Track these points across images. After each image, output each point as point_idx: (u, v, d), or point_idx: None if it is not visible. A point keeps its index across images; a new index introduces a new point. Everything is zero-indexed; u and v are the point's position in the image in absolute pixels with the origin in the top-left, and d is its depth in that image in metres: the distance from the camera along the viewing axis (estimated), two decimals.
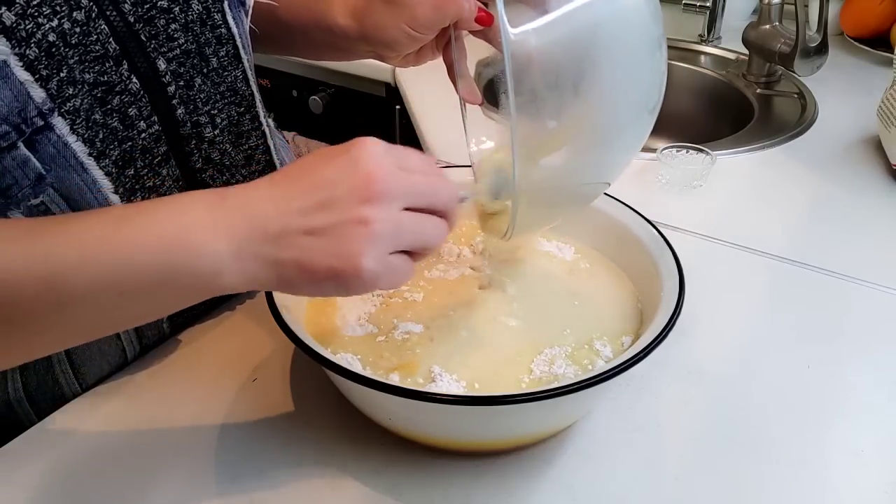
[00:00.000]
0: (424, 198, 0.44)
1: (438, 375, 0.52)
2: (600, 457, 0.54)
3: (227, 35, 0.61)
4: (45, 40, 0.48)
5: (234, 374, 0.60)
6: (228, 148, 0.63)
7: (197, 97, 0.59)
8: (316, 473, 0.52)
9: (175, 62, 0.57)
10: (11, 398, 0.59)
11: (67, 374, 0.59)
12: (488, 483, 0.52)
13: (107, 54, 0.52)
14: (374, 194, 0.42)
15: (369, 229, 0.41)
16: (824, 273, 0.74)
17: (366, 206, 0.41)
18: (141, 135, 0.55)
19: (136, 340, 0.62)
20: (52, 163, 0.50)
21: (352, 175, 0.42)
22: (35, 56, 0.48)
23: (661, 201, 0.85)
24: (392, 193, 0.42)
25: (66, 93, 0.50)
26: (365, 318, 0.58)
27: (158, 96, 0.56)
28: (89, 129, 0.52)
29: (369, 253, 0.41)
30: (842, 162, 0.93)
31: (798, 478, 0.53)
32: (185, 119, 0.59)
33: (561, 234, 0.67)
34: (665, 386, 0.60)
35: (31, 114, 0.48)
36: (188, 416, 0.57)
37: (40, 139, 0.49)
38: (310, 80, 1.35)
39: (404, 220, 0.43)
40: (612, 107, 0.50)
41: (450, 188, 0.46)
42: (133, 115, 0.54)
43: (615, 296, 0.61)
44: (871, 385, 0.61)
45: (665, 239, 0.59)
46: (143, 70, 0.55)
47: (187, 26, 0.58)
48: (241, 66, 0.63)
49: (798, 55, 1.05)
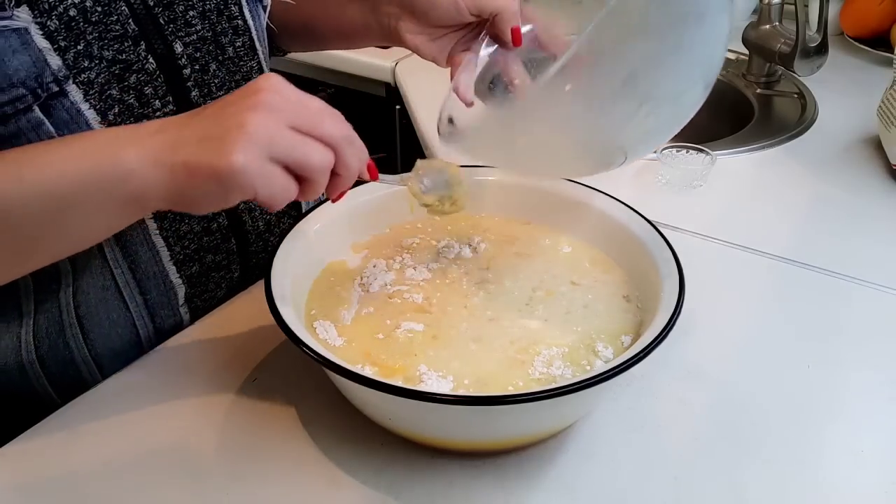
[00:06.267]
0: (307, 121, 0.46)
1: (437, 376, 0.52)
2: (600, 457, 0.54)
3: (244, 27, 0.64)
4: (65, 14, 0.51)
5: (234, 374, 0.60)
6: None
7: (211, 82, 0.62)
8: (316, 473, 0.52)
9: (192, 46, 0.60)
10: (24, 360, 0.61)
11: (77, 337, 0.61)
12: (488, 483, 0.52)
13: (126, 34, 0.55)
14: (258, 103, 0.45)
15: (245, 130, 0.44)
16: (824, 273, 0.74)
17: (248, 112, 0.45)
18: (155, 113, 0.58)
19: (147, 317, 0.64)
20: (65, 128, 0.53)
21: (245, 91, 0.46)
22: (55, 27, 0.51)
23: (661, 201, 0.85)
24: (275, 105, 0.45)
25: (82, 65, 0.53)
26: (366, 314, 0.58)
27: (174, 78, 0.59)
28: (103, 101, 0.55)
29: (242, 150, 0.44)
30: (842, 162, 0.93)
31: (798, 478, 0.53)
32: (199, 101, 0.61)
33: (560, 232, 0.67)
34: (665, 386, 0.60)
35: (47, 79, 0.51)
36: (188, 416, 0.57)
37: (55, 104, 0.52)
38: (309, 80, 1.36)
39: (283, 132, 0.45)
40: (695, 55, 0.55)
41: (339, 126, 0.48)
42: (149, 93, 0.57)
43: (615, 296, 0.61)
44: (871, 385, 0.61)
45: (665, 239, 0.59)
46: (161, 51, 0.57)
47: (204, 14, 0.60)
48: (257, 57, 0.66)
49: (798, 55, 1.05)
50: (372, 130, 0.86)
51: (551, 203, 0.67)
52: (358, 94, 1.32)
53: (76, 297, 0.60)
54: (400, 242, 0.66)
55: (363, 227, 0.67)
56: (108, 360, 0.63)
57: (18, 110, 0.51)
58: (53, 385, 0.63)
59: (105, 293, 0.61)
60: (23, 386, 0.62)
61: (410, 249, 0.65)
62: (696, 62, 0.55)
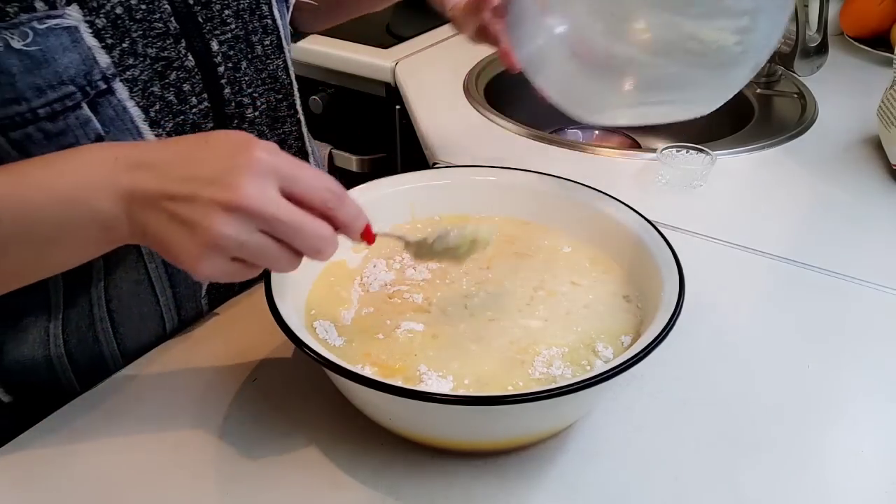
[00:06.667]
0: (285, 233, 0.45)
1: (436, 376, 0.52)
2: (600, 457, 0.54)
3: (273, 26, 0.65)
4: (112, 12, 0.53)
5: (234, 374, 0.60)
6: (265, 130, 0.68)
7: (242, 79, 0.63)
8: (316, 473, 0.52)
9: (226, 45, 0.61)
10: (52, 354, 0.61)
11: (108, 332, 0.62)
12: (488, 483, 0.52)
13: (167, 32, 0.57)
14: (234, 208, 0.43)
15: (212, 240, 0.43)
16: (824, 273, 0.74)
17: (221, 216, 0.43)
18: (192, 110, 0.60)
19: (174, 310, 0.65)
20: (111, 125, 0.55)
21: (226, 176, 0.43)
22: (102, 25, 0.52)
23: (661, 201, 0.85)
24: (253, 215, 0.43)
25: (127, 62, 0.54)
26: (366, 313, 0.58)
27: (210, 75, 0.61)
28: (146, 98, 0.56)
29: (207, 259, 0.44)
30: (842, 162, 0.93)
31: (798, 478, 0.53)
32: (231, 98, 0.63)
33: (560, 232, 0.67)
34: (665, 386, 0.60)
35: (96, 77, 0.52)
36: (188, 416, 0.57)
37: (102, 102, 0.54)
38: (309, 80, 1.35)
39: (252, 244, 0.44)
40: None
41: (321, 230, 0.46)
42: (187, 90, 0.59)
43: (615, 296, 0.61)
44: (871, 385, 0.61)
45: (665, 239, 0.59)
46: (199, 49, 0.59)
47: (238, 13, 0.62)
48: (283, 56, 0.67)
49: (798, 55, 1.05)
50: (372, 130, 0.86)
51: (551, 203, 0.67)
52: (358, 94, 1.32)
53: (108, 291, 0.61)
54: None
55: None
56: (134, 353, 0.64)
57: (67, 108, 0.52)
58: (80, 379, 0.63)
59: (138, 287, 0.62)
60: (49, 380, 0.62)
61: None
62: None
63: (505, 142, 0.99)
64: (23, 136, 0.52)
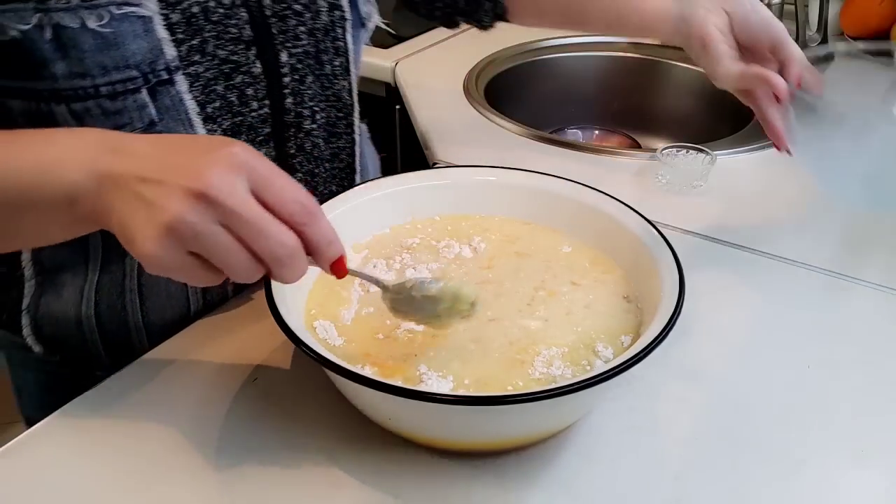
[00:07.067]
0: (246, 233, 0.43)
1: (435, 376, 0.52)
2: (600, 457, 0.54)
3: (344, 49, 0.68)
4: (189, 10, 0.56)
5: (234, 374, 0.60)
6: (321, 142, 0.70)
7: (305, 92, 0.66)
8: (316, 473, 0.52)
9: (295, 58, 0.64)
10: (83, 315, 0.65)
11: (135, 303, 0.65)
12: (488, 483, 0.52)
13: (240, 37, 0.59)
14: (197, 194, 0.41)
15: (168, 221, 0.41)
16: (824, 273, 0.74)
17: (182, 199, 0.41)
18: (252, 113, 0.62)
19: (200, 292, 0.67)
20: (166, 113, 0.57)
21: (199, 166, 0.42)
22: (177, 20, 0.55)
23: (661, 201, 0.85)
24: (214, 204, 0.42)
25: (193, 58, 0.57)
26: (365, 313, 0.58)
27: (274, 84, 0.63)
28: (205, 94, 0.59)
29: (160, 243, 0.42)
30: None
31: (798, 478, 0.53)
32: (291, 108, 0.65)
33: (560, 232, 0.67)
34: (665, 386, 0.60)
35: (159, 67, 0.55)
36: (188, 416, 0.57)
37: (161, 91, 0.56)
38: None
39: (209, 235, 0.42)
40: None
41: (284, 236, 0.44)
42: (249, 94, 0.62)
43: (614, 296, 0.61)
44: (871, 385, 0.61)
45: (665, 239, 0.59)
46: (268, 58, 0.62)
47: (312, 31, 0.64)
48: (349, 78, 0.70)
49: None
50: (372, 130, 0.87)
51: (551, 203, 0.67)
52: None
53: (140, 265, 0.62)
54: (400, 242, 0.66)
55: (363, 227, 0.67)
56: (157, 328, 0.66)
57: (127, 90, 0.54)
58: (105, 343, 0.67)
59: None
60: (77, 339, 0.66)
61: (410, 249, 0.65)
62: None
63: (505, 142, 0.99)
64: (83, 109, 0.54)
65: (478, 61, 1.21)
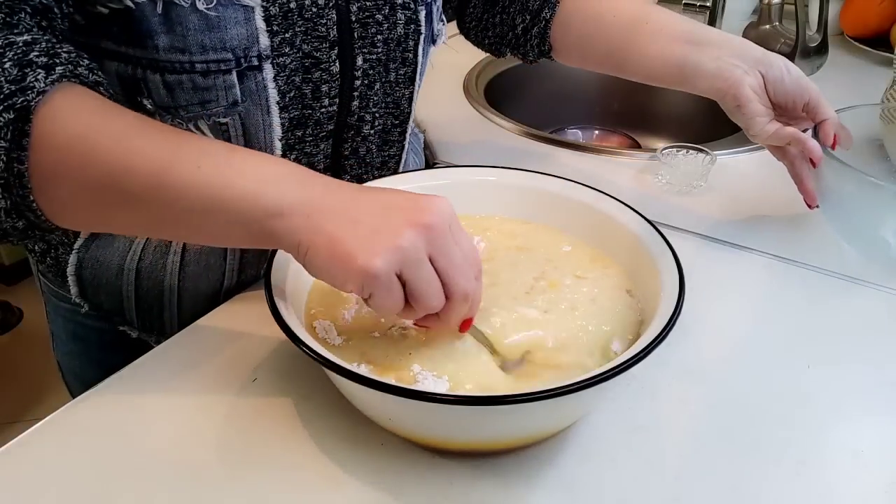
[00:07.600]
0: (449, 266, 0.48)
1: (430, 376, 0.52)
2: (600, 457, 0.54)
3: (412, 60, 0.70)
4: (286, 6, 0.59)
5: (234, 374, 0.60)
6: (374, 148, 0.73)
7: (371, 98, 0.69)
8: (316, 473, 0.52)
9: (368, 63, 0.67)
10: (126, 267, 0.69)
11: (175, 266, 0.69)
12: (488, 483, 0.52)
13: (326, 37, 0.62)
14: (420, 226, 0.47)
15: (397, 243, 0.47)
16: (824, 273, 0.74)
17: (408, 228, 0.47)
18: (320, 109, 0.65)
19: (236, 271, 0.70)
20: (249, 97, 0.61)
21: (415, 203, 0.49)
22: (274, 13, 0.59)
23: (661, 201, 0.85)
24: (435, 237, 0.48)
25: (283, 50, 0.60)
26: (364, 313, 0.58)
27: (346, 85, 0.66)
28: (286, 84, 0.62)
29: (384, 258, 0.46)
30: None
31: (798, 478, 0.53)
32: (356, 111, 0.68)
33: (560, 232, 0.67)
34: (665, 386, 0.60)
35: (252, 54, 0.59)
36: (188, 415, 0.57)
37: (249, 75, 0.60)
38: None
39: (423, 258, 0.48)
40: None
41: (467, 282, 0.50)
42: (323, 91, 0.65)
43: (614, 295, 0.61)
44: (871, 385, 0.61)
45: (665, 239, 0.59)
46: (346, 60, 0.65)
47: (387, 41, 0.67)
48: (411, 88, 0.72)
49: (798, 55, 1.05)
50: None
51: (551, 203, 0.67)
52: None
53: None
54: None
55: None
56: (189, 295, 0.70)
57: (220, 70, 0.58)
58: (137, 298, 0.70)
59: None
60: (113, 288, 0.70)
61: None
62: None
63: (505, 142, 0.99)
64: (175, 81, 0.58)
65: (478, 61, 1.21)
